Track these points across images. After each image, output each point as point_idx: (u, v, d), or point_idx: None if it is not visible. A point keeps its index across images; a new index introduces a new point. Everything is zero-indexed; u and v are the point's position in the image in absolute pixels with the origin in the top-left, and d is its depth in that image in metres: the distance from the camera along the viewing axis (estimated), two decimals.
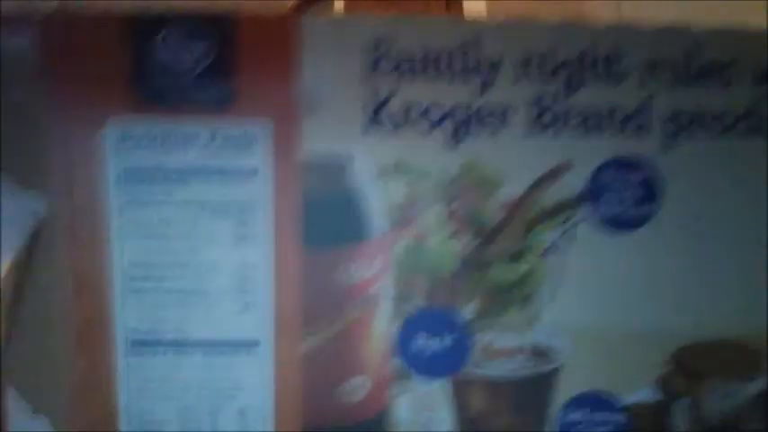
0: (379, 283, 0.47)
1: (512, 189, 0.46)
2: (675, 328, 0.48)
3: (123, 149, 0.45)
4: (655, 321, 0.48)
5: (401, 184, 0.46)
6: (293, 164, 0.45)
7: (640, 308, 0.47)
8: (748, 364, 0.49)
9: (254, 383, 0.48)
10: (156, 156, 0.45)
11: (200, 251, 0.46)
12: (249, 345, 0.47)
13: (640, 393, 0.48)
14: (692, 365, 0.48)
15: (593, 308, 0.47)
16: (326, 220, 0.46)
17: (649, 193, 0.46)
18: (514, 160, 0.46)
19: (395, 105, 0.45)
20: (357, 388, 0.48)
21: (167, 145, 0.45)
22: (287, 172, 0.46)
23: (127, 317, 0.47)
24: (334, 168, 0.46)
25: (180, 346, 0.47)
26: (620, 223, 0.46)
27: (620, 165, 0.46)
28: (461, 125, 0.45)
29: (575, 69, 0.45)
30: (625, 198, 0.46)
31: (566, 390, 0.48)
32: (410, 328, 0.47)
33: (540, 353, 0.48)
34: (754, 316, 0.48)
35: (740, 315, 0.48)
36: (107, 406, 0.47)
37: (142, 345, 0.47)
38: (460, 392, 0.48)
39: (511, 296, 0.47)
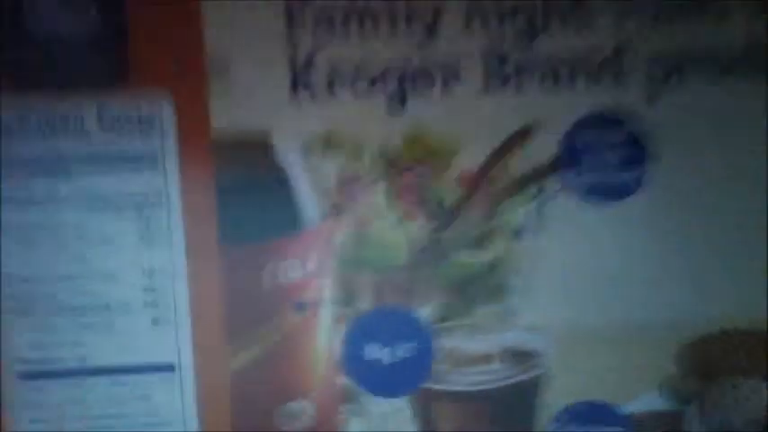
0: (316, 283, 0.39)
1: (470, 159, 0.38)
2: (680, 321, 0.40)
3: None
4: (655, 314, 0.40)
5: (335, 160, 0.38)
6: (202, 145, 0.37)
7: (636, 298, 0.40)
8: None
9: (174, 414, 0.39)
10: (34, 144, 0.37)
11: (96, 258, 0.38)
12: (164, 369, 0.39)
13: (644, 400, 0.40)
14: (702, 364, 0.40)
15: (577, 301, 0.39)
16: (248, 210, 0.38)
17: (636, 153, 0.38)
18: (471, 124, 0.38)
19: (320, 65, 0.37)
20: (298, 414, 0.39)
21: (47, 131, 0.37)
22: (195, 156, 0.38)
23: (13, 345, 0.38)
24: (252, 147, 0.38)
25: (81, 375, 0.39)
26: (604, 192, 0.39)
27: (599, 121, 0.38)
28: (403, 85, 0.37)
29: (534, 10, 0.37)
30: (607, 161, 0.38)
31: (553, 401, 0.40)
32: (357, 337, 0.39)
33: (518, 357, 0.40)
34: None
35: (755, 298, 0.40)
36: None
37: (34, 377, 0.39)
38: (425, 411, 0.40)
39: (478, 290, 0.39)
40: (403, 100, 0.38)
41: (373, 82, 0.38)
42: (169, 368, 0.39)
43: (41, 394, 0.39)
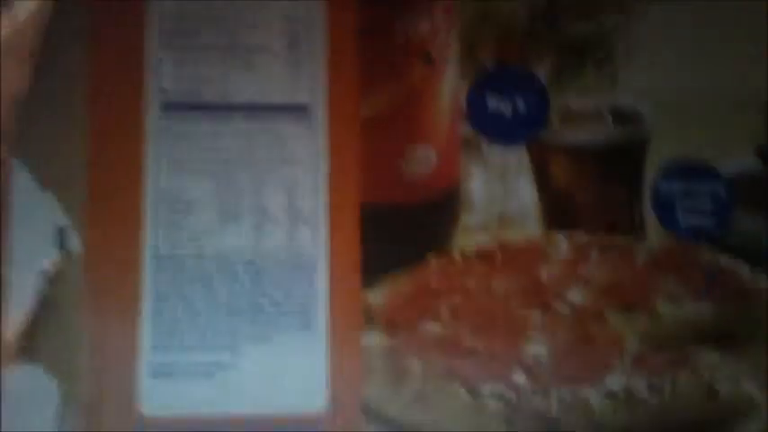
0: (441, 39, 0.42)
1: None
2: None
3: None
4: (750, 83, 0.43)
5: None
6: None
7: (733, 69, 0.43)
8: None
9: (304, 155, 0.41)
10: None
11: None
12: (298, 110, 0.41)
13: (741, 163, 0.43)
14: None
15: (679, 68, 0.43)
16: None
17: None
18: None
19: None
20: (423, 159, 0.41)
21: None
22: None
23: (158, 75, 0.41)
24: None
25: (220, 110, 0.41)
26: None
27: None
28: None
29: None
30: None
31: (657, 159, 0.43)
32: (479, 90, 0.42)
33: (623, 118, 0.43)
34: None
35: None
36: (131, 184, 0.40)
37: (176, 108, 0.41)
38: (540, 162, 0.42)
39: (588, 54, 0.43)
40: None
41: None
42: (303, 109, 0.41)
43: (182, 124, 0.41)
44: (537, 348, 0.40)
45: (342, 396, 0.39)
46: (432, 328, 0.40)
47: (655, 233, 0.42)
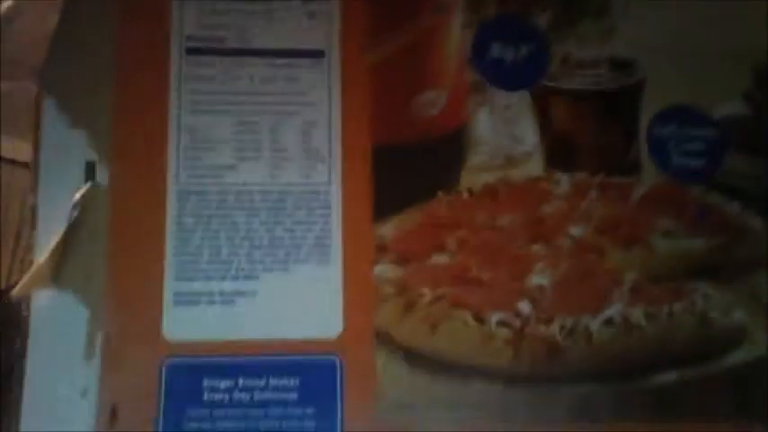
0: None
1: None
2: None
3: None
4: (738, 37, 0.45)
5: None
6: None
7: (726, 21, 0.45)
8: None
9: (319, 96, 0.43)
10: None
11: None
12: (313, 54, 0.43)
13: (729, 106, 0.45)
14: None
15: (673, 20, 0.45)
16: None
17: None
18: None
19: None
20: (432, 101, 0.44)
21: None
22: None
23: (182, 22, 0.43)
24: None
25: (239, 54, 0.43)
26: None
27: None
28: None
29: None
30: None
31: (652, 104, 0.45)
32: (484, 37, 0.44)
33: (620, 66, 0.45)
34: None
35: None
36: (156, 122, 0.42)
37: (198, 53, 0.43)
38: (542, 105, 0.44)
39: (586, 5, 0.45)
40: None
41: None
42: (320, 54, 0.43)
43: (205, 68, 0.43)
44: (540, 279, 0.42)
45: (355, 323, 0.40)
46: (440, 259, 0.42)
47: (650, 173, 0.44)
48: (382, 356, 0.40)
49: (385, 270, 0.41)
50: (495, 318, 0.41)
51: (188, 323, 0.40)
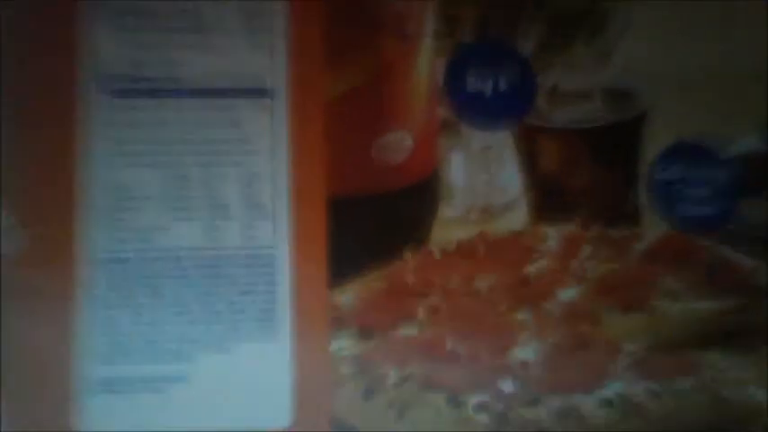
0: (416, 12, 0.39)
1: None
2: None
3: None
4: (752, 61, 0.40)
5: None
6: None
7: (736, 44, 0.40)
8: None
9: (264, 142, 0.38)
10: None
11: None
12: (257, 93, 0.38)
13: (744, 143, 0.40)
14: None
15: (676, 44, 0.40)
16: None
17: None
18: None
19: None
20: (396, 144, 0.38)
21: None
22: None
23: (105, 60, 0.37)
24: None
25: (167, 93, 0.37)
26: None
27: None
28: None
29: None
30: None
31: (654, 142, 0.40)
32: (458, 68, 0.39)
33: (616, 97, 0.40)
34: None
35: None
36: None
37: (120, 95, 0.37)
38: (527, 146, 0.40)
39: (577, 26, 0.40)
40: None
41: None
42: (264, 93, 0.38)
43: (129, 112, 0.37)
44: (525, 353, 0.38)
45: (309, 410, 0.36)
46: (408, 331, 0.39)
47: (652, 224, 0.40)
48: None
49: (343, 346, 0.38)
50: (472, 400, 0.37)
51: (106, 416, 0.35)
